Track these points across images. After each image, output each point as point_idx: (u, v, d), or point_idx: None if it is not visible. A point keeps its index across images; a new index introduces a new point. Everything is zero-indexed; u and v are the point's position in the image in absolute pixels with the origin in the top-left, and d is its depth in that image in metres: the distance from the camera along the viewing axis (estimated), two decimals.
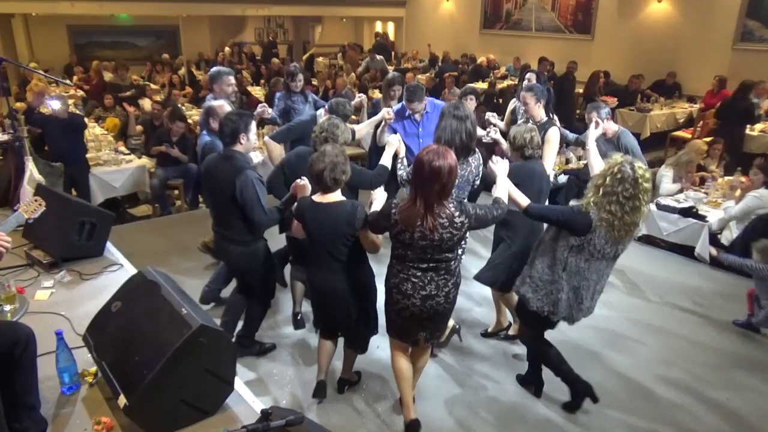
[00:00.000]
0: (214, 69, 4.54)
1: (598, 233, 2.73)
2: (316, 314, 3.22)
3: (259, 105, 4.79)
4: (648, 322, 4.26)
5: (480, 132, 3.95)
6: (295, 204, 2.99)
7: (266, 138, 4.38)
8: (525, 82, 5.14)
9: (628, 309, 4.44)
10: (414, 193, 2.59)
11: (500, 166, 2.98)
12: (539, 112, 4.18)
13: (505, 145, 3.93)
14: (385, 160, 3.54)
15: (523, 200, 2.95)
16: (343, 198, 2.87)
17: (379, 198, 3.05)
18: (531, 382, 3.46)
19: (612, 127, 4.08)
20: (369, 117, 5.38)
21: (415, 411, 3.03)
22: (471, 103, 4.80)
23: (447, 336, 3.74)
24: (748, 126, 7.50)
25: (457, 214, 2.57)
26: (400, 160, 3.58)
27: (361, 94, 5.43)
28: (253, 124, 3.21)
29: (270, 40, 15.19)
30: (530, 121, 4.17)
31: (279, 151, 4.31)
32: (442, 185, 2.50)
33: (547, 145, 3.93)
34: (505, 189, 2.90)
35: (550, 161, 3.98)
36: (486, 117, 4.71)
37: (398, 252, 2.73)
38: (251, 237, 3.27)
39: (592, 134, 3.70)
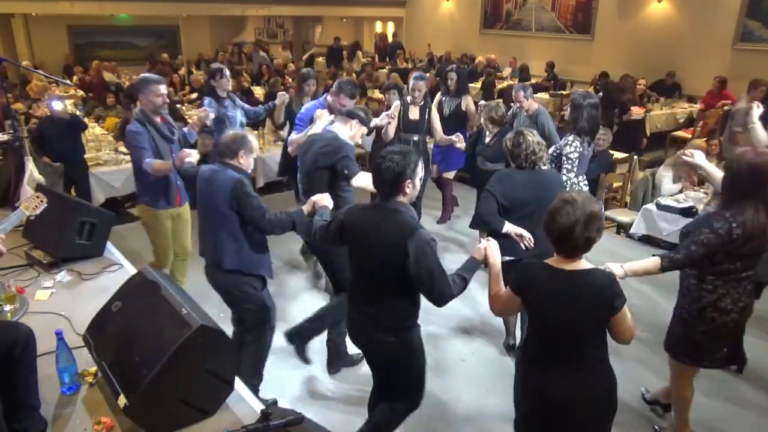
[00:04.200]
0: (142, 75, 3.75)
1: None
2: None
3: (201, 109, 4.18)
4: (649, 321, 4.25)
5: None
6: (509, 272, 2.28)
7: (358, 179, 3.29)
8: (449, 81, 5.55)
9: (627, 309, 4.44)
10: (752, 200, 2.41)
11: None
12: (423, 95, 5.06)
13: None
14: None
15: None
16: (591, 264, 2.09)
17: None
18: None
19: (533, 106, 4.94)
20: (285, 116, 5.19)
21: None
22: (394, 98, 5.27)
23: None
24: None
25: None
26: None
27: (284, 93, 5.17)
28: (421, 166, 2.39)
29: (265, 45, 15.23)
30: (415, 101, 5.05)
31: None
32: None
33: (435, 118, 5.08)
34: None
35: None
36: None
37: (723, 267, 2.52)
38: (408, 323, 2.46)
39: (756, 112, 3.81)
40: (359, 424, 3.15)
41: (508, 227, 3.15)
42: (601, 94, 9.30)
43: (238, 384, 2.26)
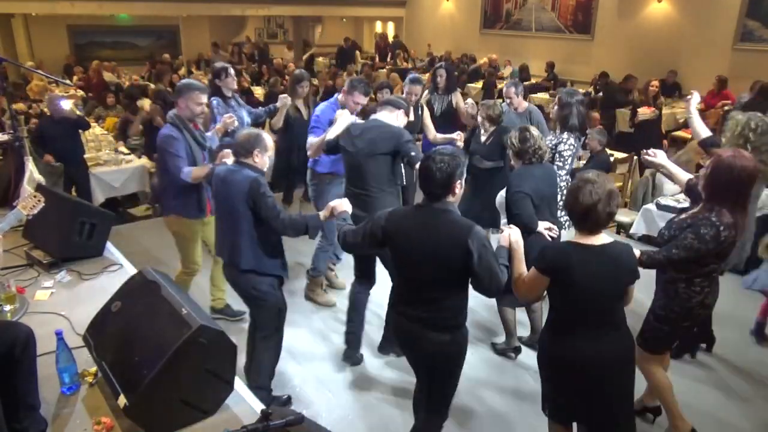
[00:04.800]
0: (185, 80, 3.74)
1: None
2: (561, 395, 2.42)
3: (226, 115, 4.05)
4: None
5: None
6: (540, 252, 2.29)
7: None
8: (439, 78, 5.57)
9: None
10: (736, 202, 2.48)
11: None
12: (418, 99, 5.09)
13: None
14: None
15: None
16: (611, 237, 2.26)
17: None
18: None
19: (522, 104, 4.95)
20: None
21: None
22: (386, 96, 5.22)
23: None
24: None
25: None
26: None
27: (285, 95, 5.01)
28: (465, 167, 2.39)
29: (263, 45, 15.27)
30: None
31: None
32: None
33: (427, 116, 5.07)
34: None
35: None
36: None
37: (710, 267, 2.64)
38: (461, 319, 2.45)
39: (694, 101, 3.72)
40: (360, 424, 3.16)
41: (540, 225, 3.20)
42: (601, 94, 9.32)
43: (238, 384, 2.26)
